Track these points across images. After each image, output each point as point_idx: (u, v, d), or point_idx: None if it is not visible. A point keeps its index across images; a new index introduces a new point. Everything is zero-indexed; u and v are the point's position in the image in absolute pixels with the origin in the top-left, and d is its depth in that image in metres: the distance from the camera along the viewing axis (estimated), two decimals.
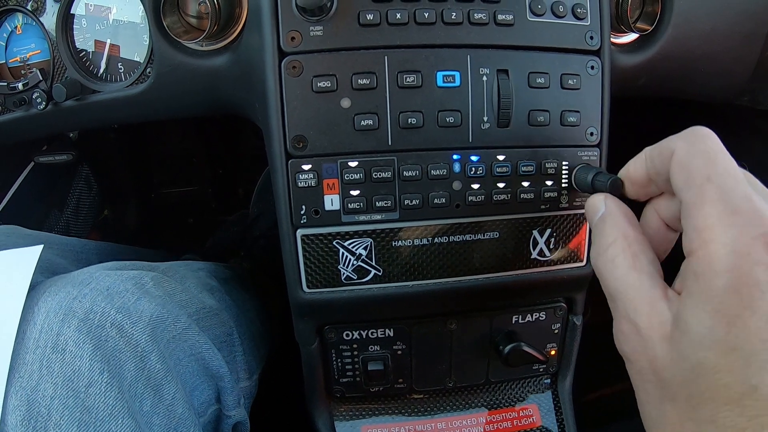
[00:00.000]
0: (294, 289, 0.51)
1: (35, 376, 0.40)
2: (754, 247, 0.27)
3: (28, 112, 0.61)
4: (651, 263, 0.33)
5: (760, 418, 0.26)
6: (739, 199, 0.28)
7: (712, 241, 0.28)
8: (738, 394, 0.27)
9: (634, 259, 0.33)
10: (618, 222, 0.35)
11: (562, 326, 0.61)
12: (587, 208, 0.39)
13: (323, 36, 0.46)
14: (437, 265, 0.51)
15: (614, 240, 0.34)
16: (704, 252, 0.28)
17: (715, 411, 0.28)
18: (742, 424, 0.27)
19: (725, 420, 0.27)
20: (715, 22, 0.58)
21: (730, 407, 0.27)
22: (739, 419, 0.27)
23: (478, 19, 0.47)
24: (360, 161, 0.48)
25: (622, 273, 0.33)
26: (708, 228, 0.28)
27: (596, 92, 0.51)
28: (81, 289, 0.45)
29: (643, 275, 0.32)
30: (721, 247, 0.28)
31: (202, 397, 0.53)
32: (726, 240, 0.28)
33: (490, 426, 0.63)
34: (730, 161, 0.30)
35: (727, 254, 0.27)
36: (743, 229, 0.28)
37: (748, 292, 0.27)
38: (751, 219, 0.28)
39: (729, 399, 0.27)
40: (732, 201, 0.28)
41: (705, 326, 0.28)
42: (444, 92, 0.48)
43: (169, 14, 0.50)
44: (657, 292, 0.31)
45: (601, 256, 0.34)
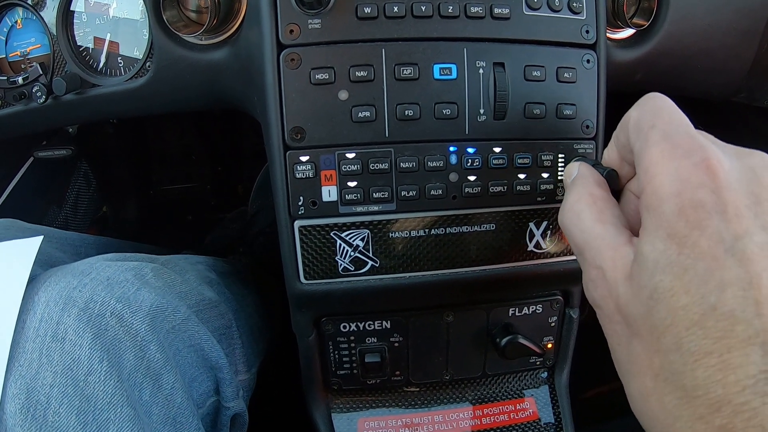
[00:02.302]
0: (291, 280, 0.52)
1: (35, 364, 0.41)
2: (695, 172, 0.29)
3: (28, 106, 0.61)
4: (616, 217, 0.34)
5: (725, 339, 0.26)
6: (680, 136, 0.30)
7: (657, 174, 0.30)
8: (697, 315, 0.27)
9: (599, 213, 0.34)
10: (586, 182, 0.37)
11: (558, 319, 0.61)
12: (564, 174, 0.41)
13: (321, 29, 0.47)
14: (434, 257, 0.52)
15: (580, 197, 0.36)
16: (651, 186, 0.30)
17: (678, 337, 0.27)
18: (707, 347, 0.26)
19: (689, 345, 0.27)
20: (712, 18, 0.58)
21: (692, 330, 0.27)
22: (703, 342, 0.26)
23: (474, 12, 0.48)
24: (357, 153, 0.48)
25: (587, 225, 0.34)
26: (653, 164, 0.30)
27: (592, 86, 0.52)
28: (81, 278, 0.45)
29: (608, 225, 0.34)
30: (665, 177, 0.29)
31: (201, 389, 0.54)
32: (669, 170, 0.29)
33: (487, 419, 0.63)
34: (675, 112, 0.32)
35: (671, 182, 0.29)
36: (684, 158, 0.29)
37: (694, 213, 0.28)
38: (692, 149, 0.29)
39: (690, 322, 0.27)
40: (673, 139, 0.30)
41: (658, 251, 0.29)
42: (441, 85, 0.48)
43: (169, 8, 0.50)
44: (621, 239, 0.32)
45: (567, 212, 0.36)
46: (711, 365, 0.26)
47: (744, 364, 0.25)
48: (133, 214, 1.18)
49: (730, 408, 0.25)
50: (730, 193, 0.28)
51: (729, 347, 0.26)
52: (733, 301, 0.26)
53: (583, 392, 1.03)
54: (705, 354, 0.26)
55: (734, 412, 0.25)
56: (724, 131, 0.86)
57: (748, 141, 0.84)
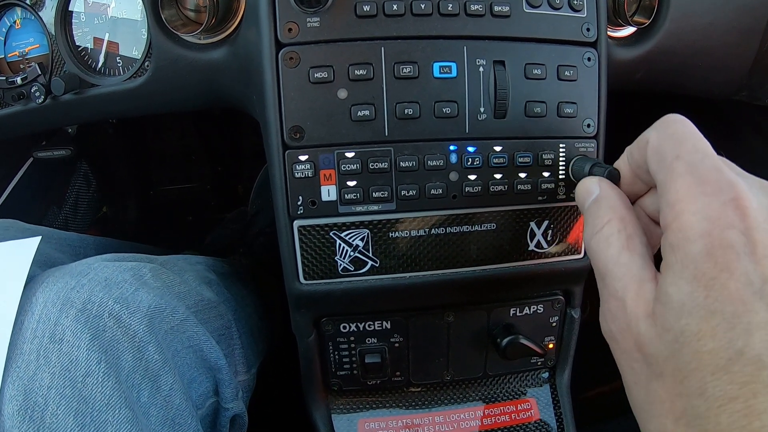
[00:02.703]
0: (291, 280, 0.51)
1: (32, 365, 0.40)
2: (724, 211, 0.28)
3: (27, 106, 0.61)
4: (644, 246, 0.33)
5: (751, 385, 0.26)
6: (706, 170, 0.29)
7: (683, 212, 0.29)
8: (724, 360, 0.26)
9: (628, 240, 0.33)
10: (614, 203, 0.35)
11: (560, 319, 0.61)
12: (579, 191, 0.39)
13: (320, 27, 0.47)
14: (434, 257, 0.51)
15: (609, 220, 0.34)
16: (677, 223, 0.29)
17: (702, 381, 0.27)
18: (732, 392, 0.26)
19: (714, 390, 0.26)
20: (712, 16, 0.58)
21: (718, 375, 0.26)
22: (728, 387, 0.26)
23: (474, 10, 0.47)
24: (357, 152, 0.48)
25: (614, 252, 0.33)
26: (679, 201, 0.29)
27: (593, 84, 0.51)
28: (79, 279, 0.45)
29: (635, 256, 0.32)
30: (692, 215, 0.28)
31: (200, 390, 0.53)
32: (696, 208, 0.28)
33: (488, 420, 0.63)
34: (699, 140, 0.31)
35: (698, 221, 0.28)
36: (712, 196, 0.28)
37: (723, 255, 0.27)
38: (720, 186, 0.28)
39: (716, 367, 0.26)
40: (700, 173, 0.29)
41: (684, 293, 0.28)
42: (440, 83, 0.48)
43: (168, 7, 0.50)
44: (646, 273, 0.32)
45: (595, 236, 0.35)
46: (736, 411, 0.26)
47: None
48: (133, 215, 1.18)
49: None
50: (760, 234, 0.27)
51: (755, 393, 0.25)
52: (761, 345, 0.26)
53: (584, 392, 1.02)
54: (730, 399, 0.26)
55: None
56: (726, 130, 0.86)
57: (750, 140, 0.84)
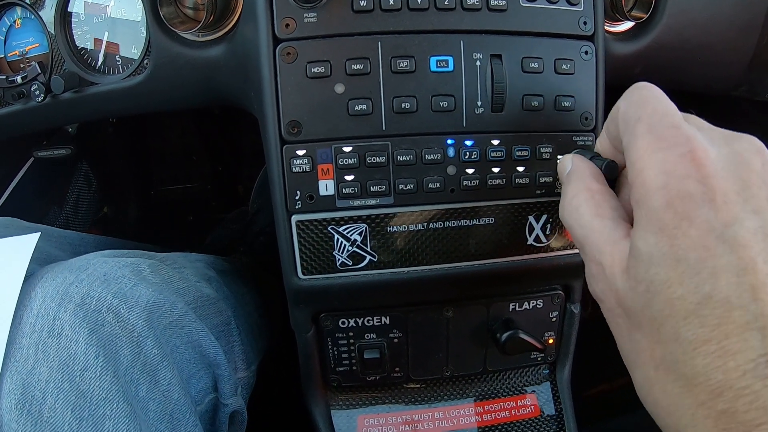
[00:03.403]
0: (289, 275, 0.51)
1: (31, 360, 0.40)
2: (681, 163, 0.29)
3: (27, 105, 0.61)
4: (614, 209, 0.34)
5: (723, 326, 0.26)
6: (664, 128, 0.31)
7: (643, 168, 0.30)
8: (693, 304, 0.27)
9: (597, 207, 0.35)
10: (582, 176, 0.37)
11: (559, 314, 0.61)
12: (558, 168, 0.41)
13: (317, 22, 0.47)
14: (432, 251, 0.51)
15: (578, 191, 0.36)
16: (639, 179, 0.30)
17: (676, 327, 0.28)
18: (704, 335, 0.27)
19: (687, 334, 0.27)
20: (711, 11, 0.58)
21: (690, 320, 0.27)
22: (700, 330, 0.27)
23: (471, 4, 0.47)
24: (354, 146, 0.48)
25: (586, 220, 0.34)
26: (639, 158, 0.31)
27: (590, 77, 0.51)
28: (78, 274, 0.45)
29: (606, 220, 0.34)
30: (652, 170, 0.30)
31: (199, 385, 0.53)
32: (655, 163, 0.30)
33: (488, 415, 0.63)
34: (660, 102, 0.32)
35: (657, 175, 0.29)
36: (669, 150, 0.30)
37: (681, 204, 0.28)
38: (677, 141, 0.30)
39: (686, 311, 0.27)
40: (658, 131, 0.31)
41: (650, 244, 0.29)
42: (437, 77, 0.48)
43: (166, 5, 0.50)
44: (619, 233, 0.33)
45: (566, 207, 0.36)
46: (710, 352, 0.27)
47: (743, 349, 0.26)
48: (134, 215, 1.19)
49: (732, 393, 0.26)
50: (718, 181, 0.28)
51: (726, 334, 0.26)
52: (728, 288, 0.27)
53: (586, 389, 1.02)
54: (703, 342, 0.27)
55: (735, 397, 0.25)
56: (725, 126, 0.86)
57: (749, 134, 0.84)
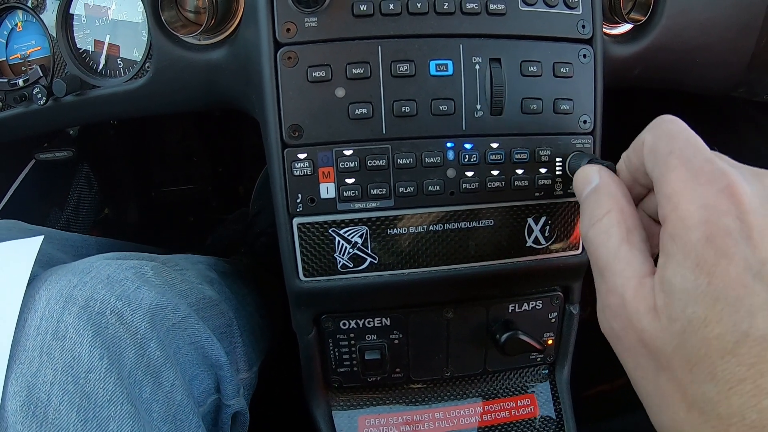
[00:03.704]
0: (291, 277, 0.52)
1: (35, 362, 0.41)
2: (719, 199, 0.29)
3: (29, 108, 0.62)
4: (643, 241, 0.33)
5: (759, 365, 0.26)
6: (700, 162, 0.30)
7: (680, 202, 0.29)
8: (731, 343, 0.27)
9: (628, 233, 0.33)
10: (614, 193, 0.35)
11: (559, 315, 0.61)
12: (577, 179, 0.39)
13: (318, 27, 0.47)
14: (432, 253, 0.52)
15: (609, 211, 0.34)
16: (676, 214, 0.30)
17: (712, 366, 0.27)
18: (741, 373, 0.26)
19: (724, 373, 0.27)
20: (710, 12, 0.58)
21: (726, 358, 0.27)
22: (737, 369, 0.27)
23: (470, 8, 0.48)
24: (355, 149, 0.48)
25: (614, 245, 0.33)
26: (675, 192, 0.30)
27: (589, 80, 0.52)
28: (81, 277, 0.45)
29: (635, 250, 0.32)
30: (690, 205, 0.29)
31: (201, 386, 0.54)
32: (693, 197, 0.29)
33: (488, 416, 0.63)
34: (690, 136, 0.32)
35: (696, 209, 0.29)
36: (707, 185, 0.29)
37: (722, 241, 0.28)
38: (714, 175, 0.29)
39: (723, 350, 0.27)
40: (693, 164, 0.30)
41: (688, 281, 0.28)
42: (437, 81, 0.48)
43: (167, 9, 0.50)
44: (646, 268, 0.32)
45: (594, 227, 0.34)
46: (746, 392, 0.26)
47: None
48: (135, 216, 1.19)
49: None
50: (756, 218, 0.28)
51: (762, 372, 0.26)
52: (764, 325, 0.26)
53: (586, 390, 1.02)
54: (739, 381, 0.26)
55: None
56: (725, 127, 0.86)
57: (749, 136, 0.84)
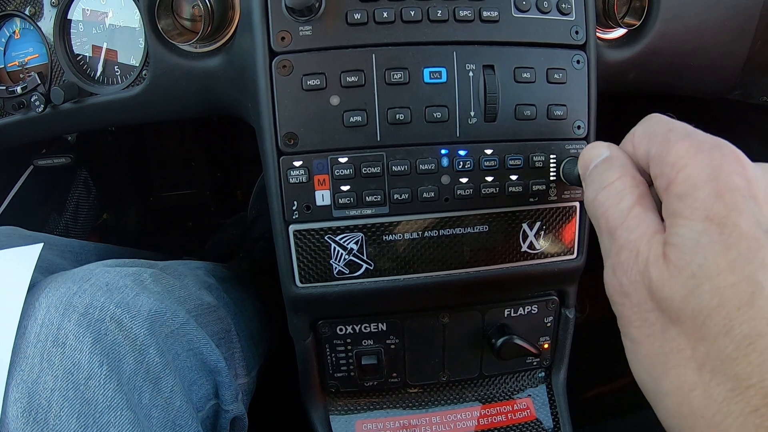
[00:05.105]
0: (287, 283, 0.52)
1: (36, 369, 0.41)
2: (727, 160, 0.29)
3: (27, 115, 0.62)
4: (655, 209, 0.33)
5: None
6: (702, 135, 0.31)
7: (687, 164, 0.30)
8: (748, 293, 0.25)
9: (640, 197, 0.33)
10: (625, 163, 0.35)
11: (554, 319, 0.61)
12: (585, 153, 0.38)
13: (312, 35, 0.48)
14: (428, 259, 0.52)
15: (621, 176, 0.34)
16: (683, 174, 0.30)
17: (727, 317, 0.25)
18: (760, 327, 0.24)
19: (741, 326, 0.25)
20: (704, 16, 0.59)
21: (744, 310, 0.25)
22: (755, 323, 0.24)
23: (463, 16, 0.48)
24: (350, 157, 0.49)
25: (627, 205, 0.33)
26: (681, 157, 0.30)
27: (582, 86, 0.52)
28: (81, 284, 0.46)
29: (648, 211, 0.32)
30: (698, 165, 0.29)
31: (200, 392, 0.54)
32: (700, 159, 0.30)
33: (485, 420, 0.63)
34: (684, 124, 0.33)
35: (704, 168, 0.29)
36: (712, 150, 0.30)
37: (731, 197, 0.28)
38: (717, 143, 0.30)
39: (740, 301, 0.25)
40: (696, 136, 0.31)
41: (698, 231, 0.28)
42: (431, 88, 0.49)
43: (164, 17, 0.51)
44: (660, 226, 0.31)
45: (604, 190, 0.34)
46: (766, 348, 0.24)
47: None
48: (133, 221, 1.19)
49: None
50: (759, 183, 0.29)
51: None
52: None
53: (583, 392, 1.03)
54: (759, 336, 0.24)
55: None
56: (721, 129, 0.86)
57: (745, 138, 0.84)
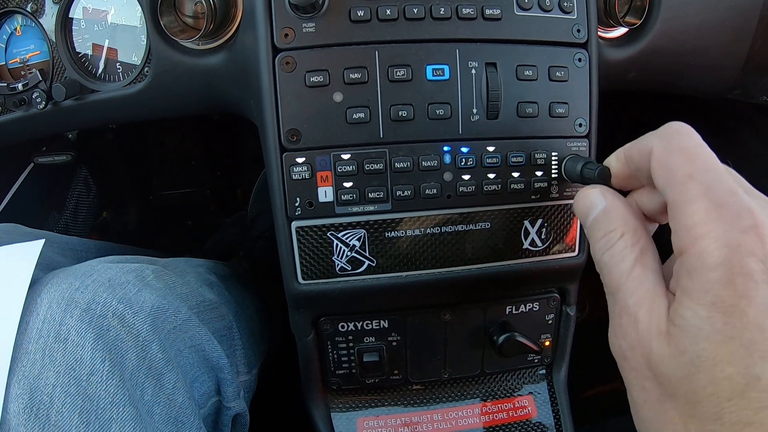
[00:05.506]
0: (289, 280, 0.52)
1: (38, 364, 0.41)
2: (744, 239, 0.27)
3: (28, 112, 0.62)
4: (656, 261, 0.33)
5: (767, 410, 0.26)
6: (724, 193, 0.29)
7: (702, 237, 0.28)
8: (741, 385, 0.26)
9: (641, 253, 0.33)
10: (624, 215, 0.35)
11: (555, 317, 0.61)
12: (581, 201, 0.38)
13: (315, 32, 0.48)
14: (430, 256, 0.52)
15: (623, 234, 0.34)
16: (696, 248, 0.28)
17: (719, 407, 0.27)
18: (748, 417, 0.26)
19: (731, 416, 0.26)
20: (704, 16, 0.59)
21: (735, 401, 0.26)
22: (745, 413, 0.26)
23: (466, 14, 0.48)
24: (352, 154, 0.49)
25: (628, 266, 0.32)
26: (696, 225, 0.28)
27: (584, 84, 0.52)
28: (83, 280, 0.46)
29: (648, 271, 0.32)
30: (713, 242, 0.28)
31: (202, 389, 0.54)
32: (716, 234, 0.28)
33: (486, 417, 0.63)
34: (710, 156, 0.30)
35: (718, 248, 0.28)
36: (732, 222, 0.28)
37: (742, 283, 0.27)
38: (739, 212, 0.28)
39: (732, 392, 0.26)
40: (717, 196, 0.29)
41: (701, 318, 0.28)
42: (434, 85, 0.49)
43: (166, 14, 0.51)
44: (660, 289, 0.31)
45: (608, 249, 0.34)
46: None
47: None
48: (133, 220, 1.19)
49: None
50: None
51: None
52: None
53: (584, 391, 1.03)
54: (745, 425, 0.26)
55: None
56: (722, 129, 0.87)
57: (746, 138, 0.84)
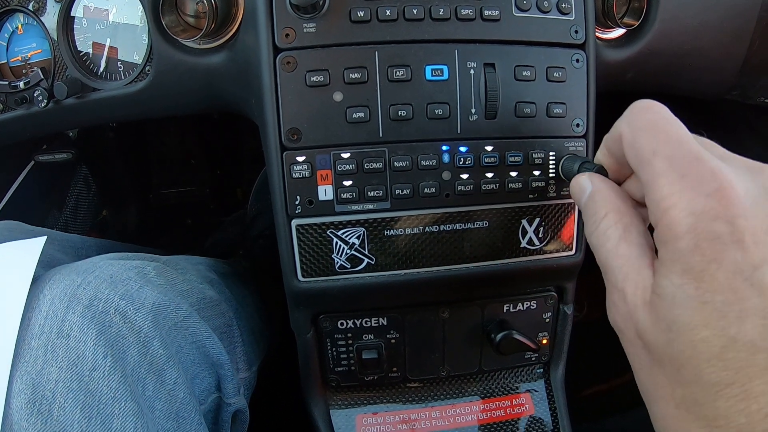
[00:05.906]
0: (289, 278, 0.53)
1: (40, 360, 0.41)
2: (708, 203, 0.28)
3: (30, 111, 0.62)
4: (641, 235, 0.34)
5: (746, 369, 0.26)
6: (686, 162, 0.29)
7: (669, 208, 0.29)
8: (718, 347, 0.27)
9: (625, 231, 0.34)
10: (608, 196, 0.36)
11: (553, 315, 0.62)
12: (573, 189, 0.39)
13: (316, 32, 0.48)
14: (428, 254, 0.53)
15: (606, 213, 0.35)
16: (665, 220, 0.29)
17: (698, 369, 0.27)
18: (728, 378, 0.26)
19: (710, 377, 0.27)
20: (702, 17, 0.59)
21: (713, 362, 0.27)
22: (724, 373, 0.27)
23: (465, 14, 0.49)
24: (352, 152, 0.49)
25: (613, 244, 0.33)
26: (664, 198, 0.29)
27: (582, 85, 0.53)
28: (85, 276, 0.46)
29: (633, 246, 0.33)
30: (679, 212, 0.29)
31: (202, 385, 0.55)
32: (682, 204, 0.29)
33: (484, 414, 0.64)
34: (674, 127, 0.31)
35: (685, 217, 0.28)
36: (696, 189, 0.28)
37: (710, 247, 0.27)
38: (702, 178, 0.29)
39: (710, 354, 0.27)
40: (681, 165, 0.29)
41: (675, 285, 0.28)
42: (433, 85, 0.49)
43: (168, 13, 0.51)
44: (644, 261, 0.32)
45: (595, 231, 0.35)
46: (732, 395, 0.26)
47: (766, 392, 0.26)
48: (133, 218, 1.19)
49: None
50: (748, 221, 0.28)
51: (750, 377, 0.26)
52: (753, 331, 0.26)
53: (583, 389, 1.03)
54: (726, 385, 0.27)
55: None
56: (721, 129, 0.87)
57: (745, 139, 0.85)
